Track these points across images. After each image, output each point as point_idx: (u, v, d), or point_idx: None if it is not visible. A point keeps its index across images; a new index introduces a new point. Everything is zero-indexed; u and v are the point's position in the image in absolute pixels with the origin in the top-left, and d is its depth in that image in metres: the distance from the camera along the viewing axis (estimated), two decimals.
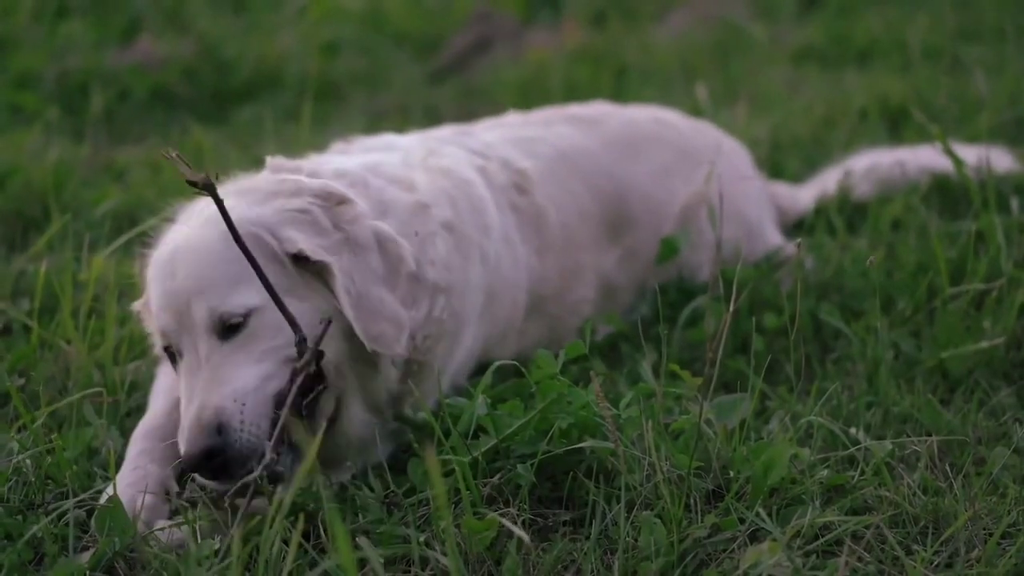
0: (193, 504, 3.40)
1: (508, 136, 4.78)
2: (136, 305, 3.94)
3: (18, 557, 3.29)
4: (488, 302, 4.20)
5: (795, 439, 3.71)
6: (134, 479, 3.61)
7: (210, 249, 3.63)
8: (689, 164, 5.04)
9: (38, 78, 7.99)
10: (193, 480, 3.47)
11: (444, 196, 4.12)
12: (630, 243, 4.84)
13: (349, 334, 3.62)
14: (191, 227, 3.72)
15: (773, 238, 5.17)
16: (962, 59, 7.91)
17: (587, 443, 3.49)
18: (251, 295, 3.57)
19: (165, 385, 4.02)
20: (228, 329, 3.56)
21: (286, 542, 3.14)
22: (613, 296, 4.80)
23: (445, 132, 4.81)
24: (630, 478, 3.41)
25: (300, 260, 3.62)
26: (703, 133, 5.30)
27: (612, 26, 9.67)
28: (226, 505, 3.36)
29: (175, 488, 3.62)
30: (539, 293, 4.46)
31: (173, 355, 3.66)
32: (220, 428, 3.40)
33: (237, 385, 3.48)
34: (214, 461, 3.39)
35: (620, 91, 7.77)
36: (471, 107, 7.37)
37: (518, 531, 3.14)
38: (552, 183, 4.63)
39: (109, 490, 3.50)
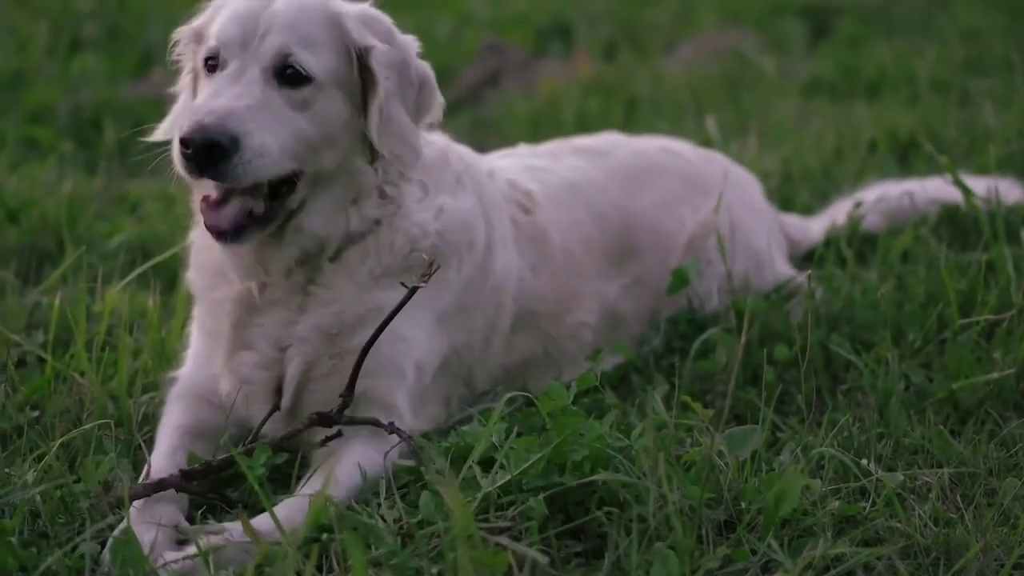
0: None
1: (517, 164, 4.82)
2: (179, 31, 4.15)
3: None
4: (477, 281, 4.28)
5: (807, 470, 3.72)
6: (146, 513, 3.63)
7: (312, 9, 3.93)
8: (697, 193, 5.05)
9: (52, 112, 8.03)
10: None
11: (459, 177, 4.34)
12: (636, 272, 4.86)
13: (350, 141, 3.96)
14: None
15: (783, 269, 5.18)
16: (970, 91, 7.94)
17: (600, 476, 3.50)
18: (323, 64, 3.87)
19: (171, 423, 4.06)
20: (285, 78, 3.84)
21: (299, 574, 3.15)
22: (618, 325, 4.81)
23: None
24: (642, 509, 3.42)
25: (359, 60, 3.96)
26: (712, 162, 5.32)
27: (622, 58, 9.71)
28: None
29: (185, 524, 3.64)
30: (531, 308, 4.48)
31: (213, 66, 3.91)
32: (234, 142, 3.67)
33: (268, 126, 3.76)
34: (211, 153, 3.66)
35: (631, 123, 7.80)
36: (483, 139, 7.38)
37: (533, 553, 3.15)
38: (557, 208, 4.66)
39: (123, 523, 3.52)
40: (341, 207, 3.99)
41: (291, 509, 3.49)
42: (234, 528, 3.43)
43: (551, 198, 4.67)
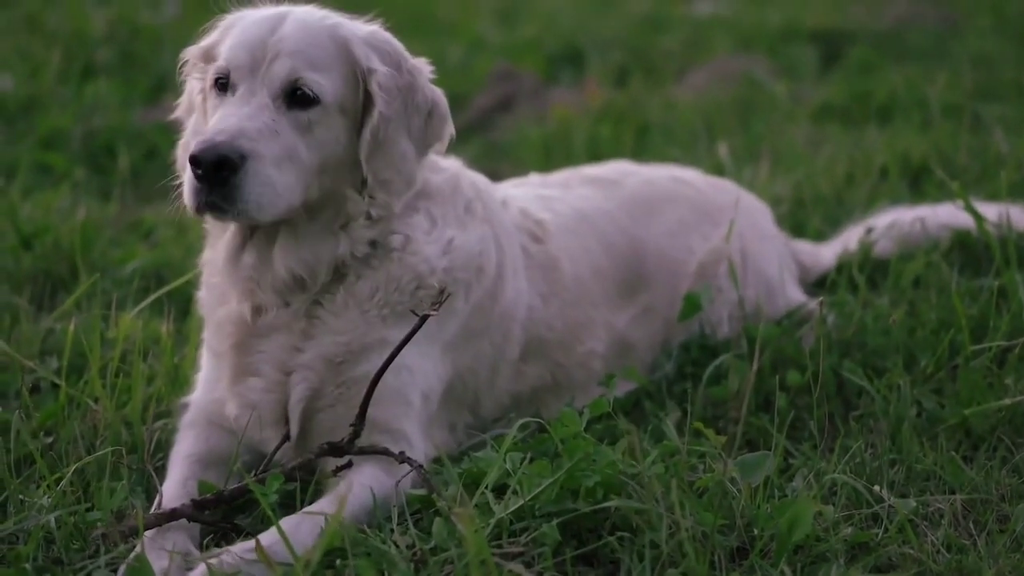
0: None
1: (529, 193, 4.84)
2: (188, 50, 4.19)
3: None
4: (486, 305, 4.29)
5: (819, 496, 3.73)
6: (158, 541, 3.64)
7: (319, 33, 3.96)
8: (708, 222, 5.07)
9: (65, 138, 8.04)
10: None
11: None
12: (646, 301, 4.87)
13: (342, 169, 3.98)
14: (307, 9, 4.06)
15: (794, 295, 5.18)
16: (982, 117, 7.94)
17: (613, 502, 3.51)
18: (330, 87, 3.90)
19: (183, 452, 4.07)
20: (295, 100, 3.88)
21: None
22: (628, 353, 4.82)
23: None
24: (655, 535, 3.42)
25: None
26: (722, 190, 5.33)
27: (634, 84, 9.72)
28: None
29: (196, 552, 3.64)
30: (541, 336, 4.49)
31: (223, 85, 3.95)
32: (243, 159, 3.72)
33: (274, 151, 3.79)
34: (220, 169, 3.70)
35: (642, 149, 7.81)
36: (495, 165, 7.40)
37: None
38: (568, 238, 4.68)
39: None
40: (329, 232, 4.00)
41: (300, 531, 3.51)
42: (242, 548, 3.44)
43: (562, 227, 4.68)
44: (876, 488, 3.84)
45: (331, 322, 4.01)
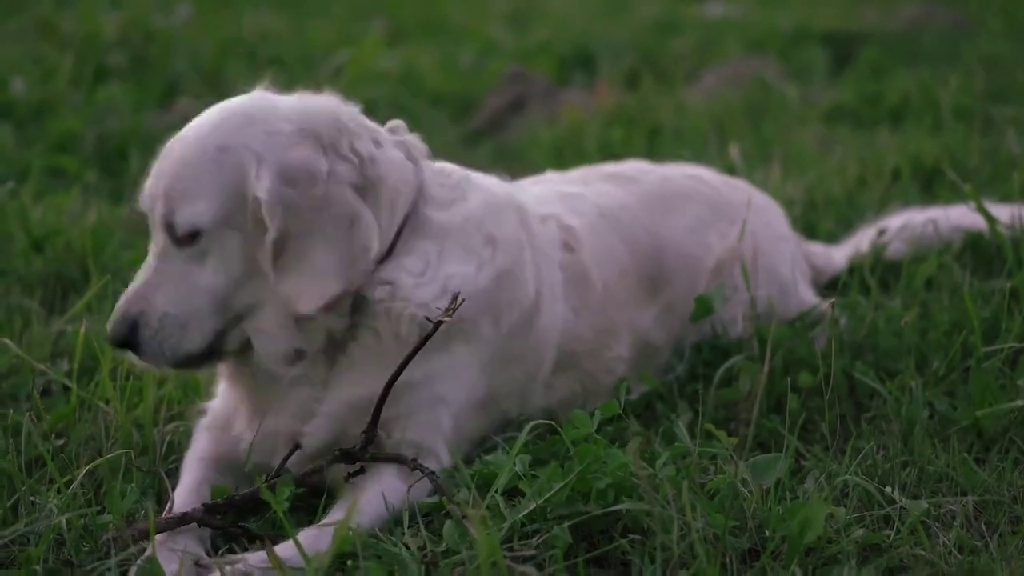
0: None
1: (550, 191, 4.77)
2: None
3: None
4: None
5: (830, 498, 3.72)
6: (169, 543, 3.64)
7: (201, 157, 3.82)
8: (724, 220, 5.05)
9: (77, 141, 8.05)
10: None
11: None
12: (667, 300, 4.84)
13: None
14: (200, 121, 3.93)
15: (807, 296, 5.17)
16: (994, 119, 7.93)
17: (624, 505, 3.50)
18: (208, 211, 3.78)
19: (197, 454, 4.07)
20: (178, 240, 3.81)
21: None
22: (651, 354, 4.78)
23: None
24: (666, 538, 3.42)
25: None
26: (736, 189, 5.32)
27: (645, 87, 9.72)
28: None
29: (206, 557, 3.64)
30: (572, 350, 4.42)
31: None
32: (134, 326, 3.79)
33: (170, 293, 3.81)
34: (124, 344, 3.82)
35: (653, 151, 7.80)
36: (507, 167, 7.40)
37: None
38: (595, 240, 4.61)
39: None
40: (284, 326, 3.88)
41: (314, 539, 3.50)
42: (256, 558, 3.44)
43: (588, 229, 4.61)
44: (888, 490, 3.83)
45: (348, 374, 3.95)
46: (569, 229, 4.53)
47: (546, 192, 4.75)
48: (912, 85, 9.00)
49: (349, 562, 3.39)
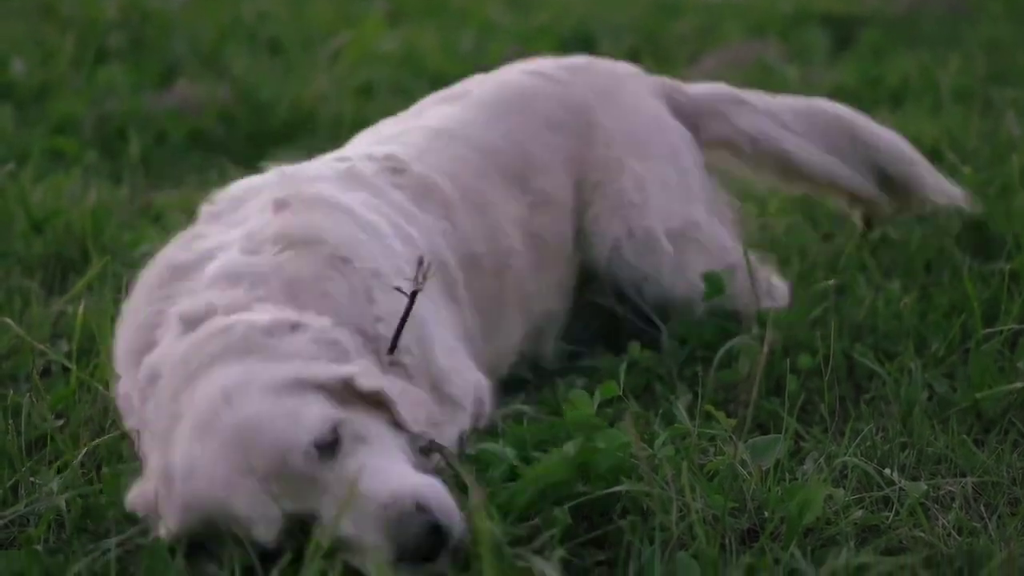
0: None
1: (372, 139, 4.73)
2: (136, 495, 3.50)
3: None
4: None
5: (829, 480, 3.72)
6: None
7: (277, 419, 3.29)
8: (578, 118, 4.93)
9: (77, 123, 8.06)
10: None
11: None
12: (541, 186, 4.73)
13: None
14: (244, 372, 3.39)
15: (724, 241, 4.98)
16: (993, 101, 7.93)
17: (623, 486, 3.50)
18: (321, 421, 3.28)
19: None
20: (324, 453, 3.25)
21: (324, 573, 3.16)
22: (543, 248, 4.67)
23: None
24: (665, 518, 3.42)
25: None
26: (586, 71, 5.24)
27: (646, 68, 9.70)
28: None
29: None
30: (469, 252, 4.37)
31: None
32: (420, 506, 3.18)
33: (394, 470, 3.31)
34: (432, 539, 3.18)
35: None
36: None
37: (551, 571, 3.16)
38: (431, 157, 4.49)
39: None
40: None
41: None
42: None
43: (418, 152, 4.49)
44: (887, 471, 3.84)
45: None
46: (388, 155, 4.42)
47: (362, 143, 4.71)
48: (912, 67, 8.99)
49: None
